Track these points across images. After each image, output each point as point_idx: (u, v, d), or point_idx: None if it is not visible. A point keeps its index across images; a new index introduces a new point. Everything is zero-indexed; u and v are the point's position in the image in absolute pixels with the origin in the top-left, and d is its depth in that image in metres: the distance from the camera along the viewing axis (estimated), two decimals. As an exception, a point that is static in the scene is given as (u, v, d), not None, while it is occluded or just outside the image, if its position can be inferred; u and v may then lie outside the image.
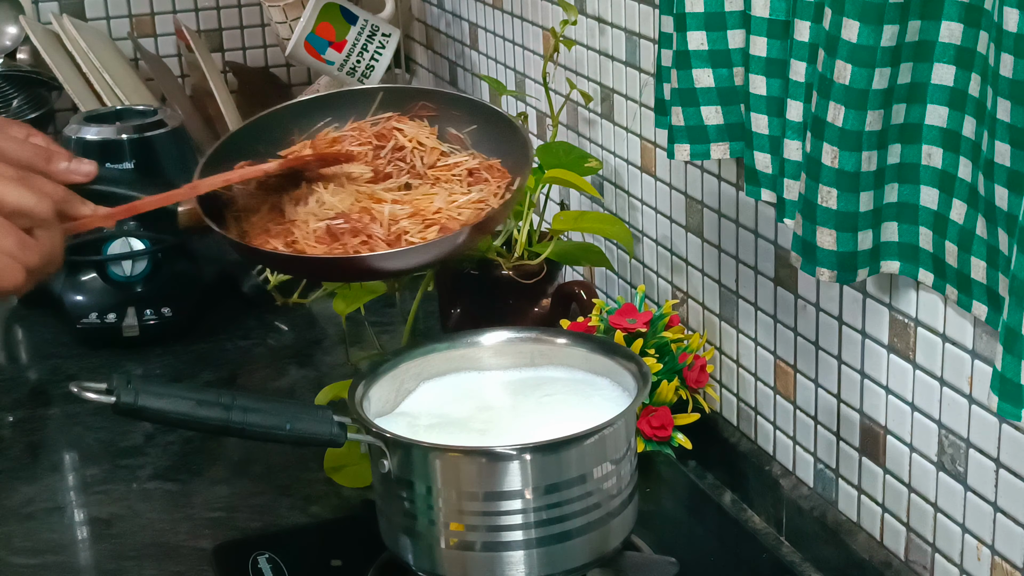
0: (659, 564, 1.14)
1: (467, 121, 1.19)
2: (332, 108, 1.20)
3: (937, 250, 0.99)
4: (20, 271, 0.89)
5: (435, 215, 1.10)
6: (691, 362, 1.34)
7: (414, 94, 1.21)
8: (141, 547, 1.29)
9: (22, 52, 2.12)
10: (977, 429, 1.03)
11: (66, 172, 1.06)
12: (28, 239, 0.90)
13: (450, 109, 1.20)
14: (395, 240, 1.08)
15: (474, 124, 1.19)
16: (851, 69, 0.93)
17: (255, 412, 1.05)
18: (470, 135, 1.19)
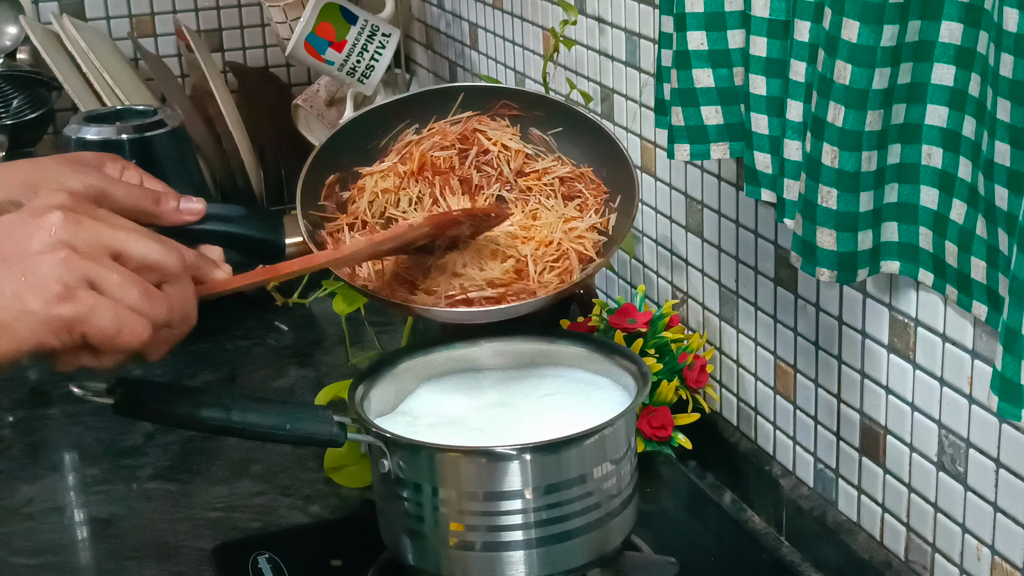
0: (659, 564, 1.14)
1: (551, 123, 1.17)
2: (412, 111, 1.18)
3: (937, 250, 0.99)
4: (145, 326, 0.85)
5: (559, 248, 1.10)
6: (691, 362, 1.34)
7: (497, 93, 1.19)
8: (141, 547, 1.29)
9: (22, 52, 2.12)
10: (977, 429, 1.03)
11: (175, 213, 1.05)
12: (155, 292, 0.86)
13: (533, 109, 1.18)
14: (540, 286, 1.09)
15: (559, 127, 1.17)
16: (851, 69, 0.93)
17: (255, 412, 1.05)
18: (555, 137, 1.17)
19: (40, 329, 0.81)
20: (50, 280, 0.81)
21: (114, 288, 0.83)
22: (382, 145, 1.17)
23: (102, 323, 0.83)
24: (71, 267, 0.82)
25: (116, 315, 0.83)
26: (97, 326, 0.83)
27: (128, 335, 0.84)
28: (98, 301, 0.83)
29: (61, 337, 0.82)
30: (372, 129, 1.17)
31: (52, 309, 0.81)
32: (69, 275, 0.82)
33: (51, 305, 0.81)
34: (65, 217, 0.84)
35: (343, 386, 1.33)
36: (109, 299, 0.83)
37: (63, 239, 0.83)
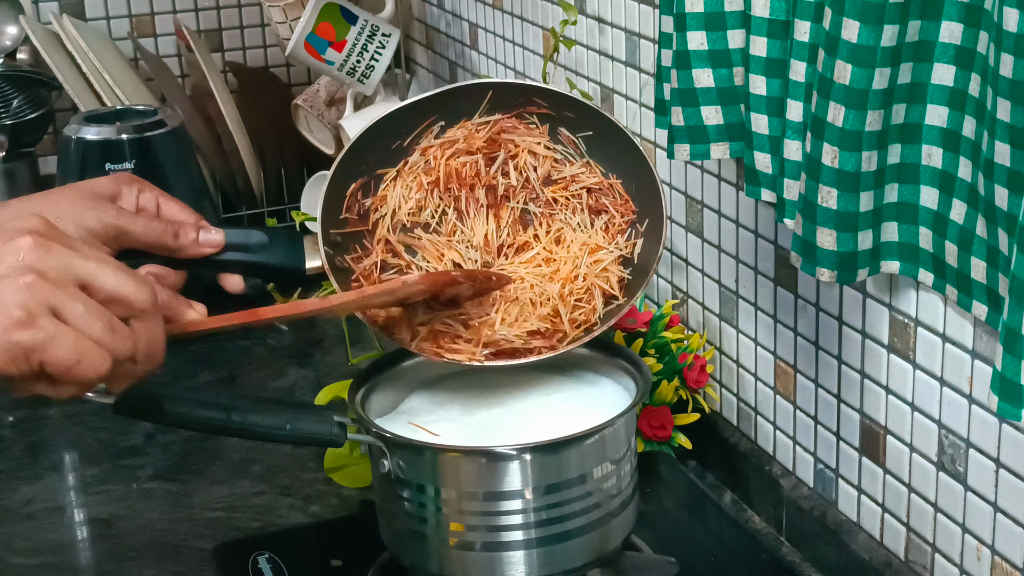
0: (659, 564, 1.14)
1: (581, 126, 1.15)
2: (438, 108, 1.15)
3: (937, 250, 0.99)
4: (106, 359, 0.83)
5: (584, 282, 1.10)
6: (691, 362, 1.34)
7: (526, 90, 1.15)
8: (141, 547, 1.29)
9: (22, 52, 2.12)
10: (977, 429, 1.03)
11: (195, 246, 1.04)
12: (120, 326, 0.85)
13: (564, 110, 1.14)
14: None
15: (589, 130, 1.14)
16: (851, 69, 0.93)
17: (255, 412, 1.05)
18: (584, 140, 1.15)
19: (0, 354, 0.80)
20: (12, 305, 0.79)
21: (77, 318, 0.82)
22: (406, 144, 1.15)
23: (60, 353, 0.81)
24: (35, 293, 0.80)
25: (76, 346, 0.81)
26: (55, 356, 0.81)
27: (87, 367, 0.82)
28: (59, 330, 0.81)
29: (18, 364, 0.80)
30: (396, 129, 1.14)
31: (10, 335, 0.79)
32: (32, 301, 0.80)
33: (9, 331, 0.79)
34: (35, 242, 0.82)
35: (343, 386, 1.33)
36: (71, 329, 0.81)
37: (31, 264, 0.81)
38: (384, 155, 1.14)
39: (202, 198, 1.81)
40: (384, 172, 1.15)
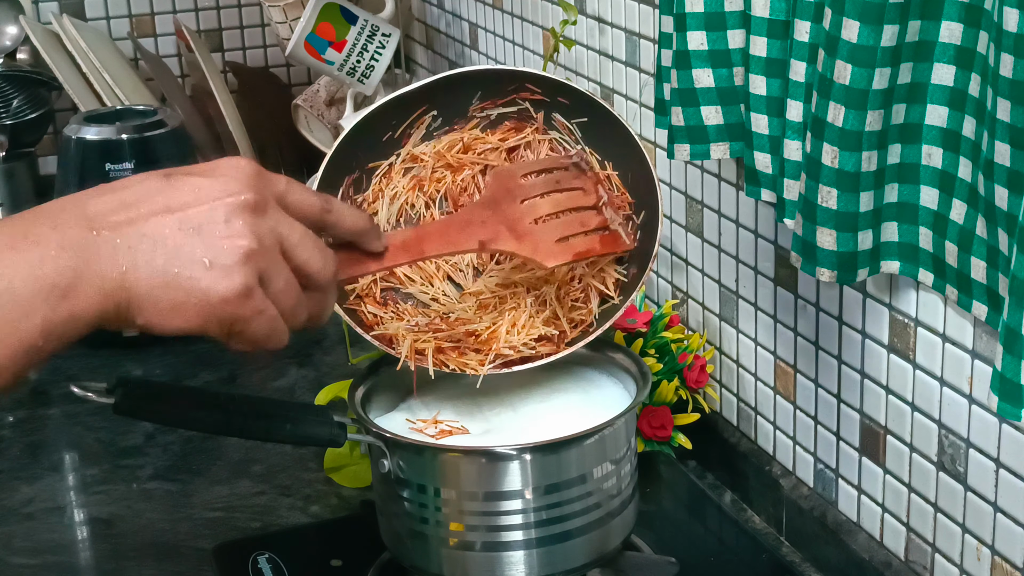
0: (659, 564, 1.14)
1: (576, 113, 1.13)
2: (430, 98, 1.13)
3: (937, 250, 0.99)
4: (286, 334, 0.85)
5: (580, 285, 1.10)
6: (691, 362, 1.34)
7: (517, 78, 1.14)
8: (141, 547, 1.29)
9: (22, 52, 2.12)
10: (977, 429, 1.03)
11: None
12: (303, 300, 0.86)
13: (557, 95, 1.13)
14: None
15: (584, 117, 1.13)
16: (851, 69, 0.93)
17: (255, 412, 1.05)
18: (579, 127, 1.13)
19: (211, 318, 0.80)
20: (233, 274, 0.80)
21: (278, 291, 0.83)
22: (397, 136, 1.15)
23: (258, 330, 0.82)
24: (253, 264, 0.81)
25: (272, 324, 0.83)
26: (253, 331, 0.82)
27: (273, 341, 0.84)
28: (264, 306, 0.82)
29: (223, 328, 0.81)
30: (387, 122, 1.14)
31: (228, 306, 0.80)
32: (250, 273, 0.81)
33: (228, 302, 0.80)
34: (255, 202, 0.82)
35: (343, 386, 1.33)
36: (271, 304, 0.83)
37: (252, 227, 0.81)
38: (375, 149, 1.14)
39: (202, 198, 1.81)
40: (376, 165, 1.14)
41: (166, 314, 0.79)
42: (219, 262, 0.80)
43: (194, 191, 0.82)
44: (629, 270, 1.11)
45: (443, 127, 1.16)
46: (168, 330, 0.80)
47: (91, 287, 0.77)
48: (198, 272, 0.79)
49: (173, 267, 0.79)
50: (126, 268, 0.78)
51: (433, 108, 1.14)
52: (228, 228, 0.81)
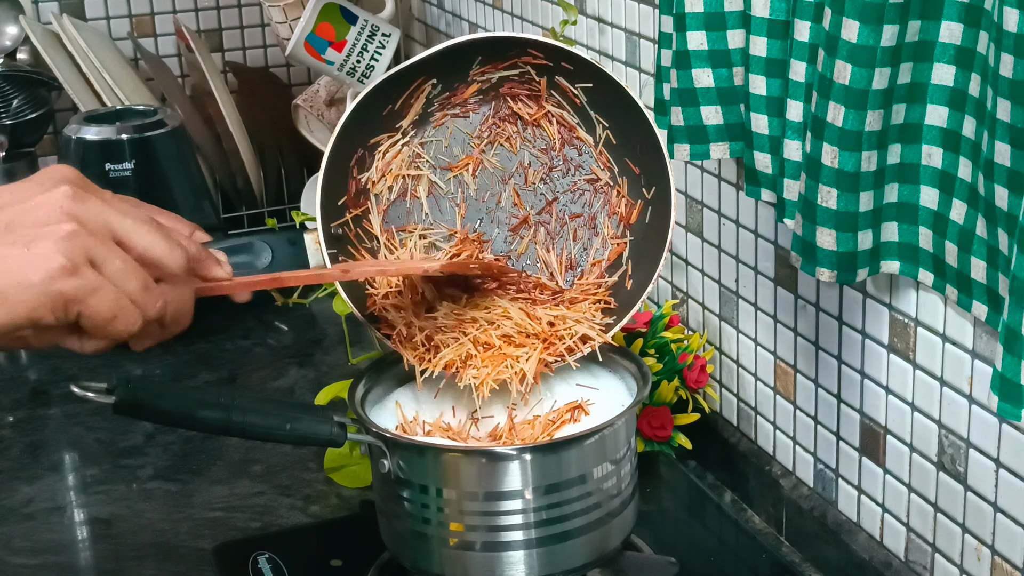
0: (659, 564, 1.14)
1: (579, 78, 1.12)
2: (430, 70, 1.11)
3: (937, 250, 0.99)
4: (138, 318, 0.82)
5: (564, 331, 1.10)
6: (691, 362, 1.34)
7: (519, 44, 1.12)
8: (141, 547, 1.29)
9: (22, 52, 2.12)
10: (977, 429, 1.03)
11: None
12: (154, 286, 0.83)
13: (560, 60, 1.11)
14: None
15: (588, 83, 1.12)
16: (851, 69, 0.93)
17: (255, 412, 1.05)
18: (583, 92, 1.12)
19: (38, 302, 0.78)
20: (54, 253, 0.78)
21: (115, 273, 0.81)
22: (398, 107, 1.13)
23: (100, 307, 0.80)
24: (77, 243, 0.79)
25: (115, 301, 0.81)
26: (95, 308, 0.80)
27: (121, 323, 0.81)
28: (100, 283, 0.80)
29: (56, 313, 0.79)
30: (386, 95, 1.12)
31: (53, 283, 0.78)
32: (74, 250, 0.79)
33: (53, 279, 0.78)
34: (73, 192, 0.81)
35: (343, 386, 1.33)
36: (110, 283, 0.80)
37: (71, 212, 0.80)
38: (377, 124, 1.13)
39: (202, 198, 1.81)
40: (377, 140, 1.13)
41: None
42: (37, 246, 0.78)
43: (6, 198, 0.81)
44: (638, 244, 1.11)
45: (443, 93, 1.14)
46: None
47: None
48: (16, 259, 0.78)
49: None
50: None
51: (432, 77, 1.13)
52: (46, 216, 0.80)
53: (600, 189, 1.15)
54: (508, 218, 1.16)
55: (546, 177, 1.15)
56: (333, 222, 1.11)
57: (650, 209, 1.12)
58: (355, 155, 1.13)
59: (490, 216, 1.16)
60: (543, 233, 1.15)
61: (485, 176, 1.16)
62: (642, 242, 1.13)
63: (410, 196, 1.15)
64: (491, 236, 1.16)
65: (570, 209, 1.15)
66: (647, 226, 1.12)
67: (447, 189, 1.16)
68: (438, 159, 1.16)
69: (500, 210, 1.16)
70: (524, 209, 1.15)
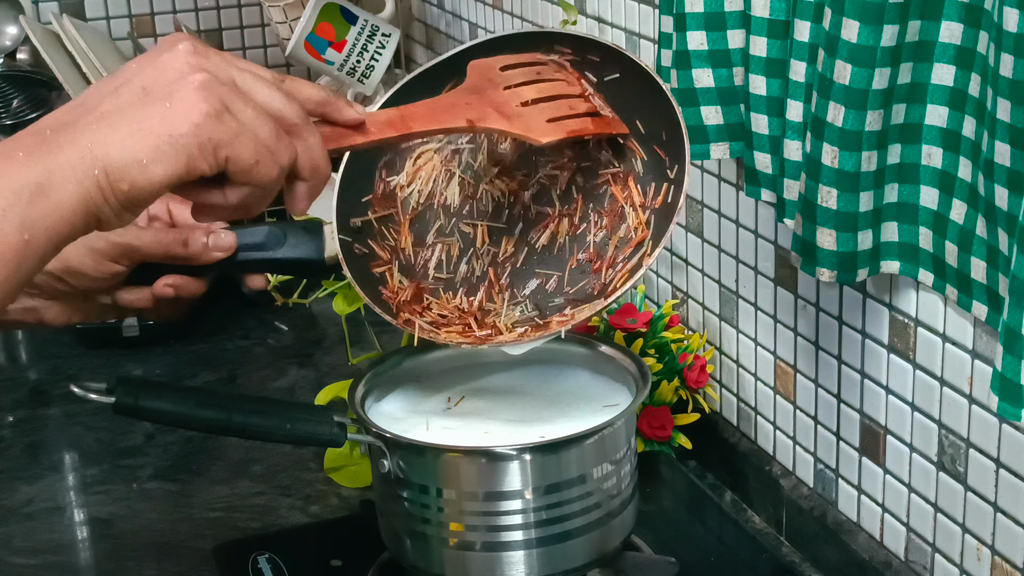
0: (659, 564, 1.14)
1: (606, 69, 1.09)
2: (456, 71, 1.09)
3: (937, 250, 0.99)
4: (275, 164, 0.82)
5: None
6: (691, 362, 1.34)
7: (546, 38, 1.10)
8: (141, 547, 1.29)
9: (22, 52, 2.12)
10: (977, 429, 1.03)
11: (207, 252, 1.04)
12: (283, 134, 0.83)
13: (587, 54, 1.09)
14: None
15: (615, 72, 1.08)
16: (851, 69, 0.93)
17: (255, 412, 1.05)
18: (610, 85, 1.09)
19: (192, 151, 0.78)
20: (195, 102, 0.79)
21: (250, 121, 0.81)
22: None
23: (244, 151, 0.80)
24: (212, 91, 0.80)
25: (256, 145, 0.81)
26: (241, 152, 0.80)
27: (263, 168, 0.81)
28: (242, 127, 0.80)
29: (208, 159, 0.79)
30: (415, 96, 1.08)
31: (202, 131, 0.79)
32: (212, 97, 0.79)
33: (200, 127, 0.79)
34: (195, 47, 0.82)
35: (343, 386, 1.33)
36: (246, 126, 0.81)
37: (198, 65, 0.81)
38: None
39: (202, 198, 1.81)
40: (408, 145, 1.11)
41: (148, 166, 0.77)
42: (177, 99, 0.79)
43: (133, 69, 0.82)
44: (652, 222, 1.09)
45: None
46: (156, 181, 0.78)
47: (63, 176, 0.76)
48: (161, 115, 0.78)
49: (135, 123, 0.78)
50: (91, 145, 0.77)
51: (463, 75, 1.09)
52: (177, 73, 0.81)
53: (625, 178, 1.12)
54: (532, 213, 1.14)
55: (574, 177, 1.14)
56: (354, 216, 1.11)
57: (672, 189, 1.08)
58: (383, 157, 1.12)
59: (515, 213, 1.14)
60: (566, 224, 1.13)
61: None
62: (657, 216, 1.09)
63: (437, 203, 1.14)
64: (514, 232, 1.14)
65: (595, 202, 1.13)
66: (669, 206, 1.08)
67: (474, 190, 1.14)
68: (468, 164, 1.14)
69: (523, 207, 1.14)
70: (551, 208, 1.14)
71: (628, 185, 1.10)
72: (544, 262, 1.12)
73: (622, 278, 1.06)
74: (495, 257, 1.12)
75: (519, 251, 1.13)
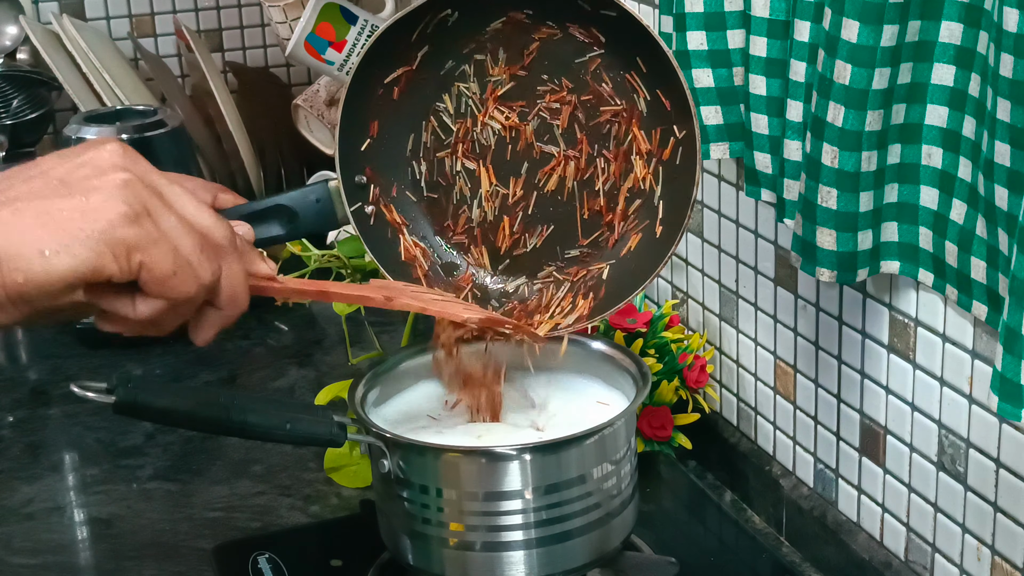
0: (659, 564, 1.14)
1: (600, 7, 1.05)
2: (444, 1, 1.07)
3: (937, 250, 0.99)
4: (195, 281, 0.79)
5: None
6: (691, 362, 1.34)
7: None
8: (141, 547, 1.29)
9: (22, 52, 2.12)
10: (977, 429, 1.03)
11: None
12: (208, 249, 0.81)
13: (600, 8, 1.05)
14: None
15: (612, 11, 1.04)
16: (851, 69, 0.93)
17: (255, 412, 1.05)
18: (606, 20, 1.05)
19: (102, 249, 0.76)
20: (115, 201, 0.76)
21: (171, 229, 0.79)
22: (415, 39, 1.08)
23: (161, 259, 0.78)
24: (134, 192, 0.77)
25: (175, 256, 0.79)
26: (155, 259, 0.78)
27: (179, 281, 0.79)
28: (160, 234, 0.78)
29: (120, 262, 0.76)
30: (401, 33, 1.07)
31: (116, 231, 0.76)
32: (133, 198, 0.77)
33: (115, 227, 0.76)
34: (124, 149, 0.80)
35: (343, 386, 1.33)
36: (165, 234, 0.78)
37: (122, 165, 0.79)
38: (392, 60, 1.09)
39: (202, 198, 1.81)
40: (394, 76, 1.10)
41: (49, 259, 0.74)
42: (95, 196, 0.77)
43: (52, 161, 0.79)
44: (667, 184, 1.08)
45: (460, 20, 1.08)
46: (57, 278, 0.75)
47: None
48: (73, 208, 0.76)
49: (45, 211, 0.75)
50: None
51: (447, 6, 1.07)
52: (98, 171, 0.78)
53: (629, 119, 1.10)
54: (536, 153, 1.12)
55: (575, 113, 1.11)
56: (356, 173, 1.10)
57: (680, 151, 1.06)
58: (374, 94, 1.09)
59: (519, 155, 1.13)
60: (572, 167, 1.11)
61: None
62: (671, 187, 1.08)
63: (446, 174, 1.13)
64: (520, 172, 1.12)
65: (600, 142, 1.10)
66: (678, 168, 1.07)
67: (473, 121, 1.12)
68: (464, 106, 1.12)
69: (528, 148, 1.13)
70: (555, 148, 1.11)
71: (632, 129, 1.08)
72: (555, 208, 1.11)
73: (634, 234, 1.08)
74: (505, 200, 1.12)
75: (528, 195, 1.12)
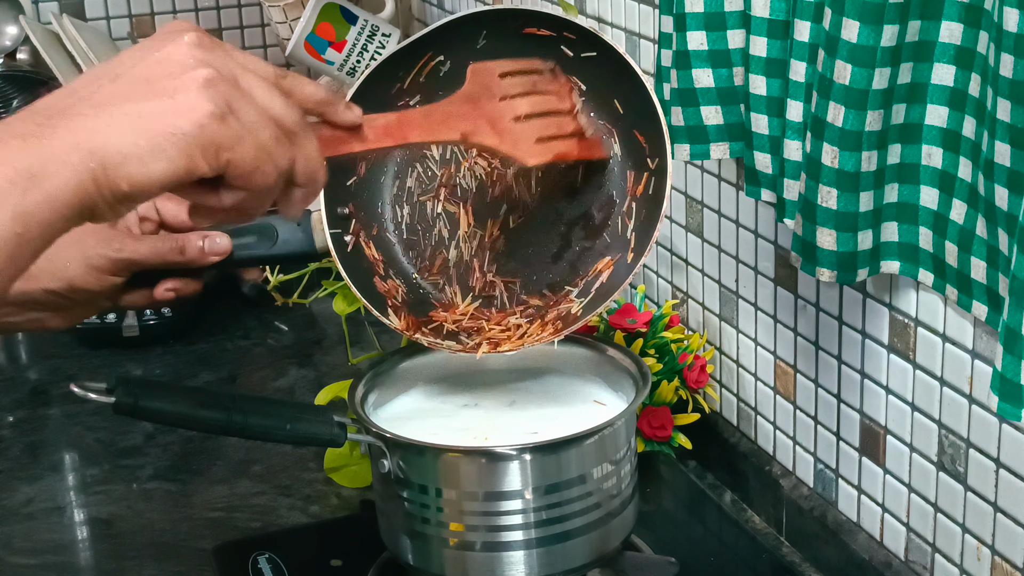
0: (659, 564, 1.14)
1: (582, 47, 1.08)
2: (435, 45, 1.10)
3: (937, 250, 0.99)
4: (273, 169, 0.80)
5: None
6: (691, 362, 1.34)
7: (522, 15, 1.09)
8: (141, 547, 1.29)
9: (22, 52, 2.12)
10: (977, 429, 1.03)
11: (203, 256, 1.04)
12: (282, 137, 0.81)
13: (562, 31, 1.08)
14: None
15: (592, 51, 1.08)
16: (851, 69, 0.93)
17: (255, 412, 1.05)
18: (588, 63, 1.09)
19: (193, 151, 0.76)
20: (200, 101, 0.76)
21: (252, 123, 0.79)
22: (406, 86, 1.11)
23: (246, 155, 0.78)
24: (217, 90, 0.77)
25: (257, 150, 0.79)
26: (241, 156, 0.78)
27: (261, 174, 0.79)
28: (243, 131, 0.78)
29: (210, 160, 0.77)
30: (394, 73, 1.11)
31: (205, 131, 0.76)
32: (217, 97, 0.77)
33: (204, 127, 0.76)
34: (199, 40, 0.79)
35: (343, 386, 1.33)
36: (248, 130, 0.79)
37: (203, 59, 0.78)
38: (384, 101, 1.11)
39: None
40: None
41: (146, 161, 0.75)
42: (182, 94, 0.76)
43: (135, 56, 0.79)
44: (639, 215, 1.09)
45: (453, 71, 1.11)
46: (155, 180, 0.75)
47: (58, 164, 0.73)
48: (163, 109, 0.76)
49: (136, 115, 0.75)
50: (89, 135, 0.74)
51: (439, 54, 1.11)
52: (181, 66, 0.78)
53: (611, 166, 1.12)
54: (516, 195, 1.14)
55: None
56: (339, 205, 1.11)
57: (653, 180, 1.09)
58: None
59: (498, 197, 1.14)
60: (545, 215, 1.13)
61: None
62: (642, 218, 1.10)
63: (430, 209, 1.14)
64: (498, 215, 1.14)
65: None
66: (650, 197, 1.09)
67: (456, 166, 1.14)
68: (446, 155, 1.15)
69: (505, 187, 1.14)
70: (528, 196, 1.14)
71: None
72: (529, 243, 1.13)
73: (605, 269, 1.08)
74: (481, 240, 1.12)
75: (505, 235, 1.13)
